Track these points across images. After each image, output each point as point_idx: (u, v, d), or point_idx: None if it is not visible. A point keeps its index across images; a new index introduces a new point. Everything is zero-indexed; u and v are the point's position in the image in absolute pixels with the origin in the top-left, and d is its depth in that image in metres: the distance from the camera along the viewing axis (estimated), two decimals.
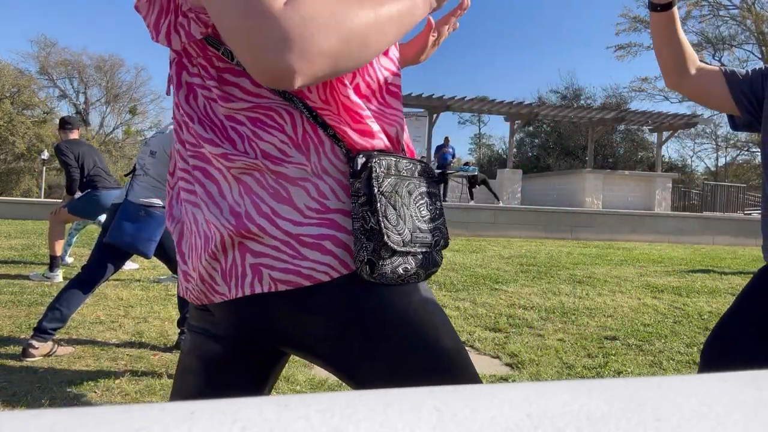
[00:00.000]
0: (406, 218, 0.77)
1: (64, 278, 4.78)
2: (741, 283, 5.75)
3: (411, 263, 0.77)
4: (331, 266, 0.74)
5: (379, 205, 0.73)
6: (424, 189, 0.81)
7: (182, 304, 3.00)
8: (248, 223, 0.73)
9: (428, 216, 0.80)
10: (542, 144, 29.48)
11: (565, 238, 11.18)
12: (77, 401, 2.28)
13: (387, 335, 0.76)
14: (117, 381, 2.49)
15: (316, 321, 0.75)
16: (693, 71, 1.48)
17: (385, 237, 0.73)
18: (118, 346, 3.01)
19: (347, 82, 0.76)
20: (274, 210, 0.73)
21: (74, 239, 5.68)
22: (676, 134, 17.79)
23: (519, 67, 73.65)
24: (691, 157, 43.10)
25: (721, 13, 25.88)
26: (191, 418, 0.24)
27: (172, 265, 3.02)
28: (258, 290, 0.74)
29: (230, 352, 0.85)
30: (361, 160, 0.75)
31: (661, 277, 6.10)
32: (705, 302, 4.74)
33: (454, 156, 15.02)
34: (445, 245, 0.84)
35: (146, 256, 2.87)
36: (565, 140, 26.95)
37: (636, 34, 29.24)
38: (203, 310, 0.87)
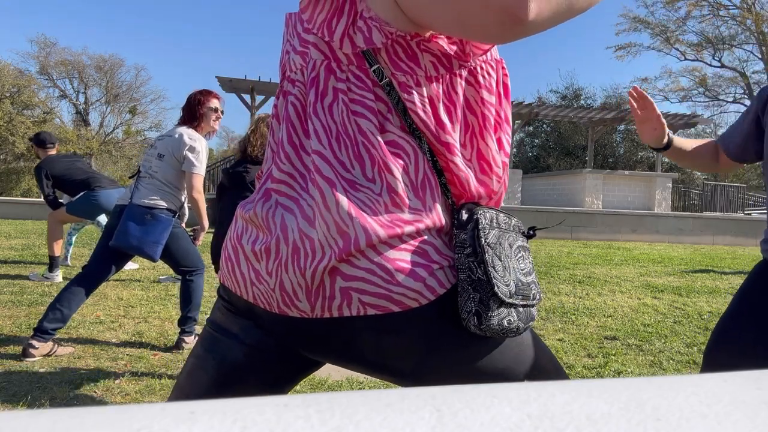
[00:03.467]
0: (510, 270, 0.77)
1: (64, 278, 4.78)
2: (741, 283, 5.73)
3: (514, 316, 0.77)
4: (421, 293, 0.74)
5: (486, 256, 0.74)
6: (520, 243, 0.82)
7: (184, 303, 3.00)
8: (353, 248, 0.72)
9: (526, 269, 0.81)
10: (542, 144, 29.47)
11: (565, 238, 11.18)
12: (77, 401, 2.28)
13: (461, 372, 0.77)
14: (117, 381, 2.49)
15: (397, 343, 0.75)
16: (720, 153, 1.62)
17: (495, 288, 0.73)
18: (118, 346, 3.01)
19: (492, 133, 0.81)
20: (380, 237, 0.73)
21: (74, 239, 5.68)
22: (676, 134, 17.78)
23: (519, 67, 73.67)
24: None
25: (721, 13, 25.87)
26: (191, 418, 0.24)
27: (176, 267, 3.02)
28: (346, 314, 0.74)
29: (254, 360, 0.83)
30: (466, 213, 0.77)
31: (661, 277, 6.10)
32: (705, 302, 4.74)
33: None
34: (539, 300, 0.83)
35: (153, 260, 2.87)
36: (565, 140, 26.94)
37: (636, 34, 29.28)
38: (235, 314, 0.85)
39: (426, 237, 0.76)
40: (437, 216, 0.77)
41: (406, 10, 0.71)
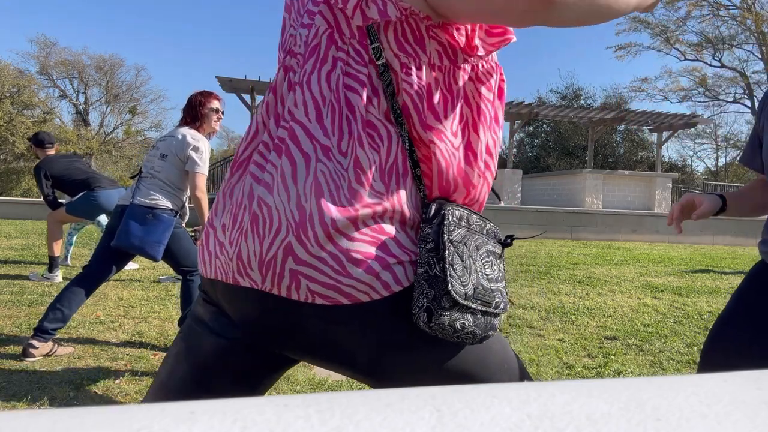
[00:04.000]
0: (471, 272, 0.75)
1: (64, 278, 4.78)
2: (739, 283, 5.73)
3: (469, 320, 0.74)
4: (372, 287, 0.73)
5: (447, 252, 0.72)
6: (491, 247, 0.80)
7: (184, 303, 3.01)
8: (309, 227, 0.72)
9: (492, 275, 0.79)
10: (542, 144, 29.47)
11: (565, 238, 11.18)
12: (77, 401, 2.28)
13: (417, 370, 0.77)
14: (117, 381, 2.49)
15: (346, 335, 0.75)
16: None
17: (449, 285, 0.71)
18: (118, 346, 3.01)
19: (486, 127, 0.81)
20: (335, 221, 0.72)
21: (74, 239, 5.68)
22: (676, 134, 17.79)
23: (519, 67, 73.66)
24: (691, 157, 43.08)
25: (721, 13, 25.87)
26: (191, 418, 0.24)
27: (176, 267, 3.02)
28: (294, 297, 0.73)
29: (223, 351, 0.83)
30: (434, 207, 0.76)
31: (661, 277, 6.10)
32: (705, 302, 4.74)
33: None
34: (504, 310, 0.80)
35: (155, 260, 2.87)
36: (565, 140, 26.93)
37: (636, 34, 29.28)
38: (208, 302, 0.86)
39: (386, 227, 0.74)
40: (399, 203, 0.75)
41: None
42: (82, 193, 4.87)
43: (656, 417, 0.26)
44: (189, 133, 2.96)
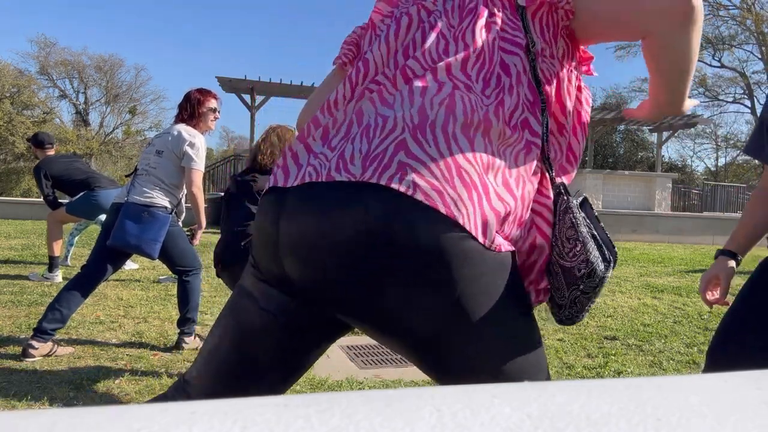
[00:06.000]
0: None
1: (64, 278, 4.78)
2: (741, 283, 5.73)
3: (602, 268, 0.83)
4: (469, 217, 0.71)
5: (598, 220, 0.85)
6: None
7: (182, 304, 3.00)
8: (428, 127, 0.73)
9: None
10: None
11: None
12: (77, 401, 2.28)
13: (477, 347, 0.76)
14: (117, 381, 2.49)
15: (428, 241, 0.69)
16: None
17: (609, 246, 0.81)
18: (118, 346, 3.01)
19: (581, 133, 0.89)
20: (456, 136, 0.73)
21: (75, 240, 5.67)
22: (676, 134, 17.79)
23: None
24: (691, 157, 43.12)
25: (721, 13, 25.88)
26: (191, 418, 0.24)
27: (172, 266, 3.01)
28: (394, 186, 0.70)
29: (271, 326, 0.84)
30: (565, 185, 0.87)
31: (661, 277, 6.10)
32: None
33: None
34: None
35: (152, 258, 2.86)
36: None
37: None
38: (260, 280, 0.85)
39: (510, 179, 0.78)
40: (526, 145, 0.81)
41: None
42: (82, 193, 4.87)
43: (656, 417, 0.26)
44: (185, 130, 2.96)
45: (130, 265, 5.44)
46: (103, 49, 61.06)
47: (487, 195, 0.73)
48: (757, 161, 1.58)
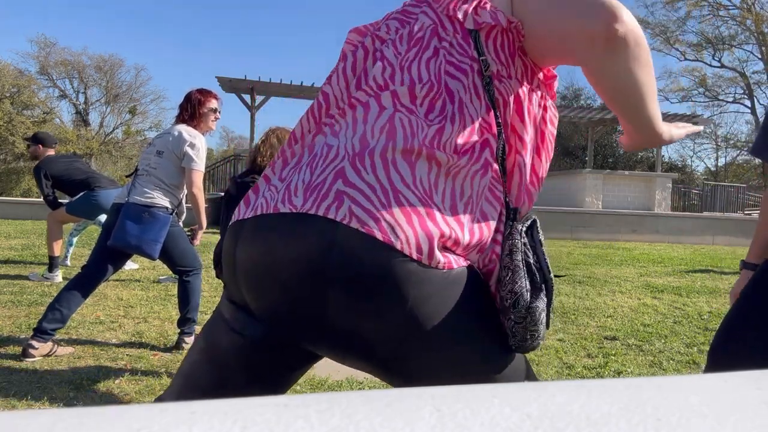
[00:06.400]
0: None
1: (64, 278, 4.78)
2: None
3: (542, 304, 0.81)
4: (408, 241, 0.71)
5: (543, 246, 0.83)
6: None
7: (182, 304, 3.00)
8: (366, 155, 0.74)
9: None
10: None
11: (565, 238, 11.18)
12: (77, 401, 2.28)
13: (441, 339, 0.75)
14: (117, 381, 2.49)
15: (369, 270, 0.70)
16: None
17: (549, 274, 0.81)
18: (118, 346, 3.01)
19: (546, 153, 0.89)
20: (396, 162, 0.74)
21: (75, 240, 5.67)
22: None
23: None
24: (691, 157, 43.05)
25: (721, 13, 25.88)
26: (191, 418, 0.24)
27: (173, 267, 3.01)
28: (331, 216, 0.71)
29: (241, 348, 0.84)
30: (523, 208, 0.86)
31: (661, 277, 6.10)
32: (705, 302, 4.74)
33: None
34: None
35: (152, 258, 2.86)
36: (565, 140, 26.94)
37: None
38: (229, 301, 0.86)
39: (458, 204, 0.77)
40: (483, 166, 0.80)
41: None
42: (82, 193, 4.87)
43: (656, 417, 0.26)
44: (186, 130, 2.95)
45: (130, 265, 5.44)
46: (103, 49, 61.06)
47: (431, 217, 0.73)
48: (757, 161, 1.58)
